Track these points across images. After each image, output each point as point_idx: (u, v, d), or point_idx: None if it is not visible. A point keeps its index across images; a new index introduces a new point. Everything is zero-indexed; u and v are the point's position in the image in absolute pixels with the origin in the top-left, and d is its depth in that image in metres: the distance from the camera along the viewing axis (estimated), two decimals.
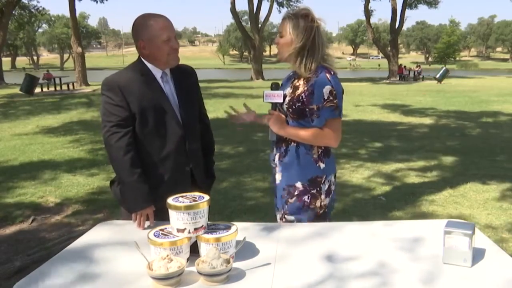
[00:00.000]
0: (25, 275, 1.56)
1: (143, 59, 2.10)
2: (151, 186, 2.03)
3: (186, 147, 2.13)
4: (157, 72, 2.09)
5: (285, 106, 2.13)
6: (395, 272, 1.51)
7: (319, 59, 2.05)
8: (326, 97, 2.00)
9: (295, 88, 2.10)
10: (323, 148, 2.11)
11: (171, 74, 2.14)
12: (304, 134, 2.07)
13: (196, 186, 2.11)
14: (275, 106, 2.14)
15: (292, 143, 2.11)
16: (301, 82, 2.09)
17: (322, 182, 2.11)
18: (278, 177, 2.17)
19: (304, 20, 2.02)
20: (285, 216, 2.17)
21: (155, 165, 2.08)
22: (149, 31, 2.02)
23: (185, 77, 2.18)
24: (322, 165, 2.11)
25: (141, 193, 2.00)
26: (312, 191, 2.10)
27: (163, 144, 2.08)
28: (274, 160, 2.21)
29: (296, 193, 2.11)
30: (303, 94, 2.05)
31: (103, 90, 2.05)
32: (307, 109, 2.05)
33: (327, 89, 2.00)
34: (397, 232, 1.89)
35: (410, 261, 1.60)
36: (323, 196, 2.11)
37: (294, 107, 2.07)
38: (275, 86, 2.17)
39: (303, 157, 2.10)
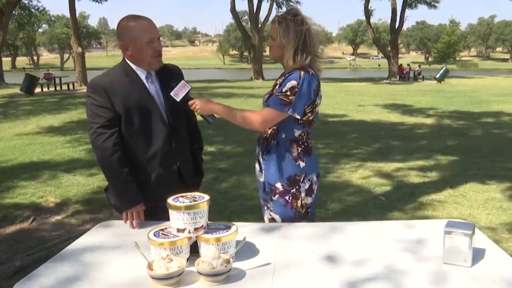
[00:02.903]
0: (25, 275, 1.56)
1: (127, 60, 2.11)
2: (139, 185, 2.05)
3: (172, 146, 2.14)
4: (141, 73, 2.11)
5: (264, 104, 2.15)
6: (395, 272, 1.51)
7: (310, 59, 2.07)
8: (284, 90, 2.02)
9: (275, 85, 2.13)
10: (303, 146, 2.12)
11: (156, 74, 2.15)
12: (232, 111, 2.09)
13: (185, 184, 2.13)
14: (188, 96, 2.07)
15: (273, 141, 2.13)
16: (281, 79, 2.11)
17: (301, 181, 2.11)
18: (261, 174, 2.19)
19: (294, 23, 2.04)
20: (269, 213, 2.19)
21: (142, 164, 2.09)
22: (132, 32, 2.03)
23: (170, 76, 2.18)
24: (302, 164, 2.11)
25: (130, 192, 2.03)
26: (292, 190, 2.11)
27: (149, 143, 2.09)
28: (257, 157, 2.22)
29: (277, 192, 2.13)
30: (277, 88, 2.09)
31: (88, 92, 2.07)
32: None
33: (291, 83, 2.02)
34: (397, 232, 1.89)
35: (410, 262, 1.60)
36: (303, 195, 2.12)
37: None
38: (173, 82, 2.09)
39: (282, 155, 2.11)
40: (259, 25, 32.79)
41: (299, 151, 2.11)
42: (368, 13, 33.79)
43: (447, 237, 1.55)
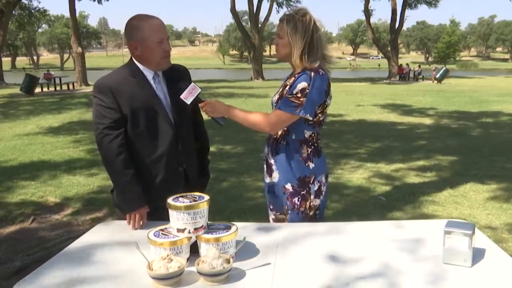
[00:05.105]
0: (25, 275, 1.56)
1: (134, 60, 2.09)
2: (144, 187, 2.04)
3: (178, 148, 2.13)
4: (148, 73, 2.09)
5: (274, 105, 2.15)
6: (395, 272, 1.51)
7: (318, 59, 2.06)
8: (295, 92, 2.01)
9: (285, 86, 2.12)
10: (312, 147, 2.11)
11: (164, 74, 2.14)
12: (242, 113, 2.09)
13: (190, 186, 2.11)
14: (199, 99, 2.07)
15: (282, 142, 2.12)
16: (291, 80, 2.10)
17: (311, 182, 2.10)
18: (275, 175, 2.17)
19: (302, 22, 2.02)
20: (276, 214, 2.19)
21: (148, 166, 2.08)
22: (142, 32, 2.01)
23: (177, 77, 2.16)
24: (311, 165, 2.10)
25: (134, 194, 2.01)
26: (302, 192, 2.10)
27: (155, 145, 2.08)
28: (266, 157, 2.21)
29: (287, 193, 2.12)
30: (286, 89, 2.08)
31: (94, 92, 2.05)
32: None
33: (301, 85, 2.00)
34: (397, 232, 1.89)
35: (410, 261, 1.60)
36: (312, 197, 2.11)
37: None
38: (183, 84, 2.07)
39: (291, 156, 2.10)
40: (259, 25, 32.79)
41: (309, 152, 2.10)
42: (368, 13, 33.79)
43: (447, 237, 1.55)
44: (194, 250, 1.61)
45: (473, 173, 5.80)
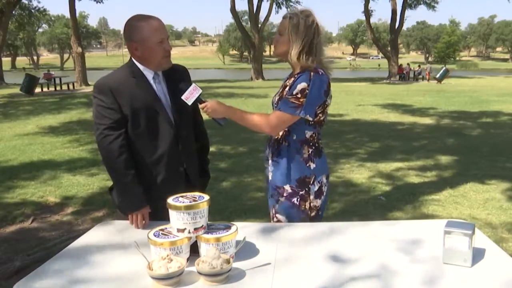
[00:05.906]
0: (25, 275, 1.56)
1: (134, 61, 2.09)
2: (145, 187, 2.03)
3: (179, 148, 2.12)
4: (148, 73, 2.08)
5: (274, 106, 2.14)
6: (396, 273, 1.51)
7: (316, 60, 2.05)
8: (295, 92, 2.00)
9: (285, 87, 2.12)
10: (313, 148, 2.11)
11: (164, 74, 2.13)
12: (242, 114, 2.09)
13: (191, 186, 2.11)
14: (199, 100, 2.06)
15: (284, 142, 2.11)
16: (291, 80, 2.10)
17: (311, 182, 2.10)
18: (270, 176, 2.17)
19: (305, 23, 2.02)
20: (276, 215, 2.17)
21: (149, 166, 2.08)
22: (142, 32, 2.01)
23: (177, 77, 2.15)
24: (312, 165, 2.10)
25: (135, 194, 2.01)
26: (300, 192, 2.09)
27: (156, 145, 2.07)
28: (267, 158, 2.21)
29: (285, 194, 2.11)
30: (286, 90, 2.07)
31: (94, 92, 2.05)
32: None
33: (301, 85, 2.00)
34: (397, 232, 1.88)
35: (410, 262, 1.60)
36: (312, 197, 2.10)
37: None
38: (183, 85, 2.06)
39: (292, 157, 2.09)
40: (259, 25, 32.78)
41: (310, 152, 2.10)
42: (368, 13, 33.78)
43: (447, 237, 1.55)
44: (194, 250, 1.61)
45: (473, 173, 5.80)
